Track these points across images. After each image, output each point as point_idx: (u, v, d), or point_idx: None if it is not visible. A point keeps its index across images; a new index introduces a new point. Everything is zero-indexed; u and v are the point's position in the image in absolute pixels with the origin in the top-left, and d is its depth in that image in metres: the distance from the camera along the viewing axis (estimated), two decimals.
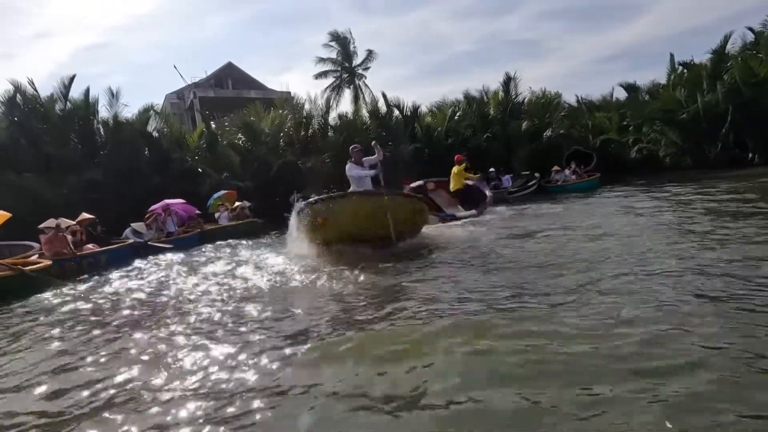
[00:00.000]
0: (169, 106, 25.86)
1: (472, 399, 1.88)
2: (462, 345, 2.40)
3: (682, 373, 1.92)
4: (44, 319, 4.25)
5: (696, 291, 2.92)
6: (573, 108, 21.47)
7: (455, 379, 2.06)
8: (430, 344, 2.49)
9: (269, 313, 3.57)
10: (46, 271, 6.12)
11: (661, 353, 2.10)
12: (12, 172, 11.57)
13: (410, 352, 2.43)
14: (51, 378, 2.64)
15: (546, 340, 2.35)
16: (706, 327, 2.36)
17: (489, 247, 5.48)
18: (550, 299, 3.10)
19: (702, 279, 3.15)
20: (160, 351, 2.89)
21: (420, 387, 2.04)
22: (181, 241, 9.60)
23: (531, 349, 2.28)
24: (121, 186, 12.45)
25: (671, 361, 2.02)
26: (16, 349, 3.38)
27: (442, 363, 2.25)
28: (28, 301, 5.13)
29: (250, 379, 2.32)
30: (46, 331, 3.72)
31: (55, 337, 3.55)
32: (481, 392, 1.92)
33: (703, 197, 8.13)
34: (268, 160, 14.77)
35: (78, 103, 13.66)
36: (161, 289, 5.09)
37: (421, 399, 1.94)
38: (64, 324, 3.91)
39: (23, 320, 4.29)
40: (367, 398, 2.00)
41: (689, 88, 16.33)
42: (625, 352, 2.15)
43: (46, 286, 5.73)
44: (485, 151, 17.09)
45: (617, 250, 4.35)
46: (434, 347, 2.43)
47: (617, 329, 2.42)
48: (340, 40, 29.31)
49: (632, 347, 2.18)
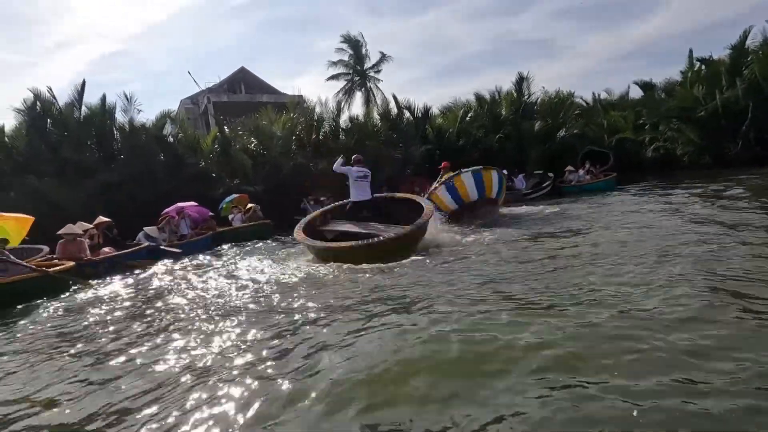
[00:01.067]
0: (184, 111, 26.30)
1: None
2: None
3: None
4: (66, 317, 4.46)
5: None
6: (587, 107, 21.16)
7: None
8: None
9: (281, 310, 3.61)
10: (69, 272, 6.36)
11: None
12: (32, 176, 11.87)
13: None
14: (72, 374, 2.72)
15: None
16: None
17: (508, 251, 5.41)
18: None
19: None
20: (177, 348, 2.98)
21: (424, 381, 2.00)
22: (194, 244, 9.72)
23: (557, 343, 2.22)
24: (136, 190, 12.66)
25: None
26: (40, 346, 3.51)
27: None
28: (52, 300, 5.37)
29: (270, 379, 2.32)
30: (68, 329, 3.90)
31: (74, 335, 3.68)
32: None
33: (725, 197, 7.90)
34: (279, 163, 14.88)
35: (95, 109, 13.97)
36: (176, 290, 5.20)
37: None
38: (82, 323, 4.08)
39: (47, 319, 4.50)
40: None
41: (707, 84, 15.93)
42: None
43: (69, 287, 6.02)
44: (497, 152, 16.95)
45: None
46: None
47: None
48: (352, 43, 29.47)
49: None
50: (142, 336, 3.40)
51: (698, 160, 16.48)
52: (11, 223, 7.18)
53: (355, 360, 2.37)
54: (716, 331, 2.25)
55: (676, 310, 2.56)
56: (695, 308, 2.56)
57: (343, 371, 2.24)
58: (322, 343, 2.73)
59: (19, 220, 7.33)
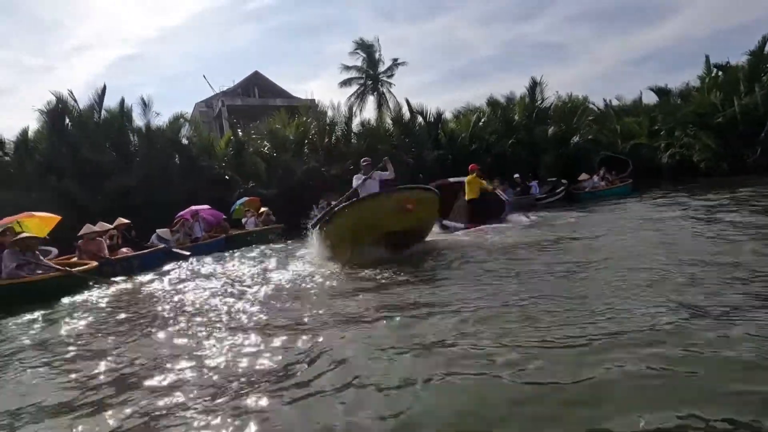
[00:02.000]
0: (198, 114, 26.66)
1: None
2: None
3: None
4: (85, 315, 4.63)
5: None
6: (601, 112, 20.99)
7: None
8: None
9: (287, 312, 3.72)
10: (91, 272, 6.56)
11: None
12: (53, 177, 12.17)
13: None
14: (92, 365, 2.83)
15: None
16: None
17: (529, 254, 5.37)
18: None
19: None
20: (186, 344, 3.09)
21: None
22: (207, 246, 9.88)
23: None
24: (152, 192, 12.88)
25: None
26: (62, 340, 3.69)
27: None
28: (74, 298, 5.58)
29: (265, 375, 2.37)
30: (87, 326, 4.10)
31: (91, 330, 3.86)
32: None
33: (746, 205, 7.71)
34: (292, 167, 15.01)
35: (113, 112, 14.28)
36: (189, 289, 5.42)
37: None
38: (103, 319, 4.33)
39: (69, 316, 4.67)
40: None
41: (725, 90, 15.72)
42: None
43: (90, 286, 6.23)
44: (510, 157, 16.88)
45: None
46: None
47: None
48: (366, 47, 29.62)
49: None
50: (157, 336, 3.51)
51: (715, 166, 16.23)
52: (35, 221, 7.28)
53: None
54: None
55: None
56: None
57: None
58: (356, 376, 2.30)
59: (44, 219, 7.43)
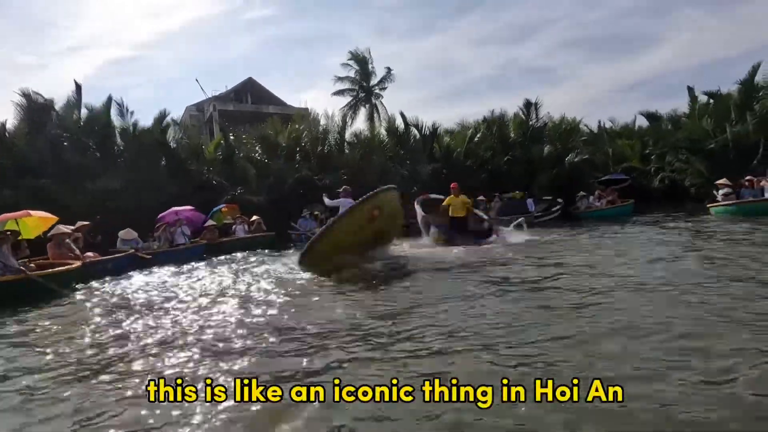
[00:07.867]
0: (189, 118, 26.17)
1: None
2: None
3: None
4: (45, 326, 4.38)
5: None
6: (593, 134, 21.16)
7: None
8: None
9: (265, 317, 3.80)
10: (74, 272, 6.45)
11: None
12: (30, 176, 11.55)
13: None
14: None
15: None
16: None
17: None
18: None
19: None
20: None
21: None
22: (187, 252, 9.60)
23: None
24: (138, 194, 12.33)
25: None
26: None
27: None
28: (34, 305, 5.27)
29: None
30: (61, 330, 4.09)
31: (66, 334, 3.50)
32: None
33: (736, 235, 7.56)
34: (283, 174, 14.60)
35: (96, 111, 13.70)
36: (160, 294, 5.52)
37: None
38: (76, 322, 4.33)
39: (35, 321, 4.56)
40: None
41: (716, 117, 15.96)
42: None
43: (51, 291, 5.76)
44: (506, 174, 16.78)
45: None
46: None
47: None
48: (359, 59, 29.63)
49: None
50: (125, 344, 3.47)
51: (707, 192, 16.36)
52: (33, 219, 7.28)
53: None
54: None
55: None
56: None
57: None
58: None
59: (42, 218, 7.41)
